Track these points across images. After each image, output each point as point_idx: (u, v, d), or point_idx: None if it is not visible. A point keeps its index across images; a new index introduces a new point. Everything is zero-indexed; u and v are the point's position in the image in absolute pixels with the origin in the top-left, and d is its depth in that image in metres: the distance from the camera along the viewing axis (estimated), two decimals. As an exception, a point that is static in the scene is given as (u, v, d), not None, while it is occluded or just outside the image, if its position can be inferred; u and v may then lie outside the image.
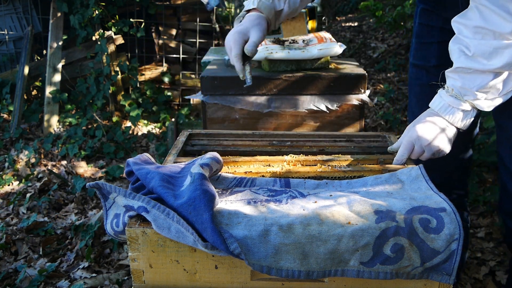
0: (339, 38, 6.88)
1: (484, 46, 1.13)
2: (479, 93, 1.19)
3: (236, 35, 1.39)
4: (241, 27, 1.41)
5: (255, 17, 1.42)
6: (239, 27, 1.42)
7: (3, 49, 4.67)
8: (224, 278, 1.04)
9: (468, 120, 1.25)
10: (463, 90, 1.21)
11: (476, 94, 1.19)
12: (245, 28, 1.40)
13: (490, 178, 2.94)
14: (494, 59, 1.13)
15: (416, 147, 1.26)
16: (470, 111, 1.23)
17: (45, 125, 4.15)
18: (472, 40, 1.15)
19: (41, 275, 2.29)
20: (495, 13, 1.09)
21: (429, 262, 0.98)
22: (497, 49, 1.11)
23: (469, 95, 1.21)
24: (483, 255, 2.34)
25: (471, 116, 1.24)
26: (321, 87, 2.13)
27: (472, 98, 1.20)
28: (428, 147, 1.25)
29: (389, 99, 4.55)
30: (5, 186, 3.31)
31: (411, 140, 1.26)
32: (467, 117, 1.24)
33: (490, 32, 1.12)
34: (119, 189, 1.06)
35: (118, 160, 3.70)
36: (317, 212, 1.01)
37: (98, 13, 4.15)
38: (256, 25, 1.40)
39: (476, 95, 1.20)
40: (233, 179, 1.21)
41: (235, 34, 1.39)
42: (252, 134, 1.58)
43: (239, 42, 1.38)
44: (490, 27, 1.11)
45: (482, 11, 1.12)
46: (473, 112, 1.24)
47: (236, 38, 1.39)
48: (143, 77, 4.79)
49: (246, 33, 1.39)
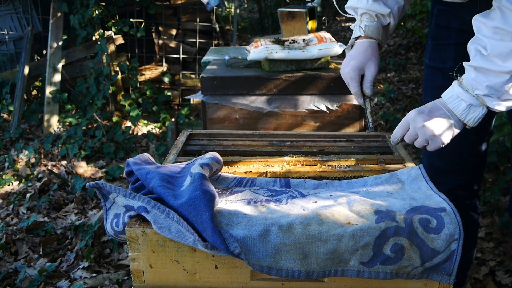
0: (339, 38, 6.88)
1: (501, 47, 1.12)
2: (491, 90, 1.17)
3: (352, 73, 1.44)
4: (356, 61, 1.45)
5: (367, 46, 1.45)
6: (354, 61, 1.45)
7: (3, 49, 4.67)
8: (224, 278, 1.04)
9: (474, 115, 1.21)
10: (474, 83, 1.19)
11: (487, 90, 1.17)
12: (360, 63, 1.44)
13: (490, 178, 2.94)
14: (509, 61, 1.12)
15: (410, 128, 1.27)
16: (479, 108, 1.20)
17: (45, 125, 4.15)
18: (490, 40, 1.14)
19: (41, 275, 2.29)
20: None
21: (429, 262, 0.98)
22: None
23: (479, 89, 1.18)
24: (483, 255, 2.34)
25: (479, 113, 1.21)
26: (321, 87, 2.13)
27: (482, 93, 1.18)
28: (421, 129, 1.24)
29: (389, 99, 4.55)
30: (5, 186, 3.31)
31: (407, 120, 1.27)
32: (474, 112, 1.21)
33: (509, 34, 1.11)
34: (119, 189, 1.06)
35: (118, 160, 3.70)
36: (317, 212, 1.01)
37: (98, 13, 4.15)
38: (370, 58, 1.45)
39: (486, 91, 1.17)
40: (233, 179, 1.21)
41: (350, 72, 1.44)
42: (252, 134, 1.58)
43: (356, 80, 1.45)
44: (509, 28, 1.10)
45: (504, 12, 1.11)
46: (482, 109, 1.20)
47: (352, 76, 1.45)
48: (143, 77, 4.79)
49: (362, 68, 1.45)
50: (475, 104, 1.20)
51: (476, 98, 1.19)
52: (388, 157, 1.35)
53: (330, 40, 2.25)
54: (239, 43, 6.52)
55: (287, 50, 2.14)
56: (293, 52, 2.15)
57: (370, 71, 1.45)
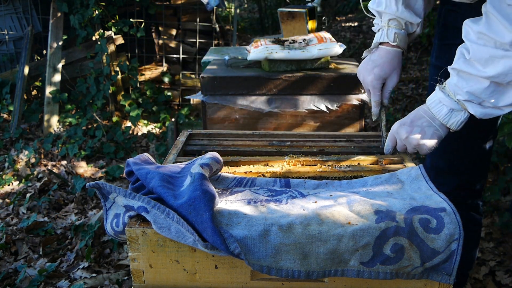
0: (339, 38, 6.88)
1: (482, 52, 1.14)
2: (471, 96, 1.19)
3: (375, 82, 1.44)
4: (380, 70, 1.44)
5: (394, 55, 1.45)
6: (378, 69, 1.44)
7: (3, 49, 4.67)
8: (224, 278, 1.04)
9: (456, 120, 1.24)
10: (456, 88, 1.21)
11: (467, 95, 1.19)
12: (384, 73, 1.44)
13: (490, 178, 2.94)
14: (489, 66, 1.13)
15: (397, 140, 1.33)
16: (461, 112, 1.23)
17: (45, 125, 4.15)
18: (473, 44, 1.16)
19: (41, 275, 2.29)
20: (499, 22, 1.10)
21: (429, 262, 0.97)
22: (493, 58, 1.12)
23: (460, 94, 1.20)
24: (483, 255, 2.34)
25: (461, 117, 1.23)
26: (321, 87, 2.13)
27: (463, 98, 1.20)
28: (406, 140, 1.30)
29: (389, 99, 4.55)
30: (5, 186, 3.31)
31: (393, 133, 1.33)
32: (456, 117, 1.23)
33: (492, 40, 1.12)
34: (119, 189, 1.06)
35: (118, 160, 3.70)
36: (317, 212, 1.01)
37: (98, 13, 4.15)
38: (395, 69, 1.46)
39: (466, 97, 1.19)
40: (233, 179, 1.21)
41: (374, 81, 1.44)
42: (252, 134, 1.58)
43: (379, 89, 1.45)
44: (491, 34, 1.12)
45: (489, 17, 1.13)
46: (464, 114, 1.23)
47: (375, 85, 1.44)
48: (143, 77, 4.79)
49: (386, 77, 1.45)
50: (457, 108, 1.23)
51: (458, 103, 1.22)
52: (388, 157, 1.36)
53: (330, 40, 2.25)
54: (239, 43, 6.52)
55: (287, 50, 2.14)
56: (293, 52, 2.15)
57: (392, 81, 1.46)
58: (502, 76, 1.12)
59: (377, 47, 1.47)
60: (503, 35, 1.10)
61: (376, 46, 1.47)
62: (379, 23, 1.48)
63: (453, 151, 1.56)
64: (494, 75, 1.12)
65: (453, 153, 1.59)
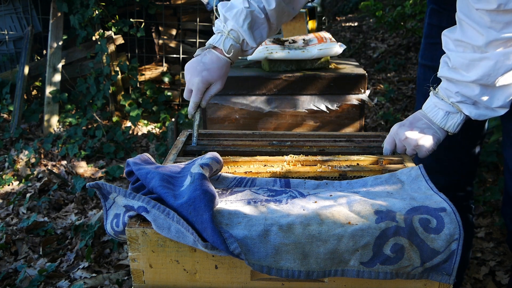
0: (339, 38, 6.88)
1: (461, 58, 1.18)
2: (463, 97, 1.22)
3: (201, 85, 1.43)
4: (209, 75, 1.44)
5: (224, 63, 1.46)
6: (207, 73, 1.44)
7: (3, 49, 4.67)
8: (224, 278, 1.04)
9: (453, 122, 1.26)
10: (447, 92, 1.25)
11: (459, 97, 1.22)
12: (212, 78, 1.44)
13: (490, 178, 2.94)
14: (471, 71, 1.17)
15: (396, 142, 1.35)
16: (457, 114, 1.25)
17: (45, 125, 4.15)
18: (453, 53, 1.21)
19: (41, 275, 2.29)
20: (471, 27, 1.14)
21: (429, 262, 0.98)
22: (473, 61, 1.16)
23: (452, 97, 1.24)
24: (483, 255, 2.34)
25: (457, 120, 1.26)
26: (321, 87, 2.13)
27: (456, 100, 1.23)
28: (405, 141, 1.31)
29: (389, 99, 4.55)
30: (5, 186, 3.31)
31: (392, 135, 1.36)
32: (453, 119, 1.26)
33: (469, 45, 1.16)
34: (119, 189, 1.06)
35: (118, 160, 3.70)
36: (317, 212, 1.01)
37: (98, 13, 4.15)
38: (222, 77, 1.47)
39: (459, 98, 1.22)
40: (233, 179, 1.21)
41: (200, 83, 1.43)
42: (252, 134, 1.58)
43: (202, 92, 1.45)
44: (467, 40, 1.16)
45: (462, 25, 1.17)
46: (460, 116, 1.25)
47: (200, 87, 1.43)
48: (143, 77, 4.79)
49: (212, 82, 1.45)
50: (452, 111, 1.25)
51: (452, 106, 1.25)
52: (388, 157, 1.36)
53: (330, 40, 2.25)
54: (239, 43, 6.50)
55: (287, 50, 2.14)
56: (293, 52, 2.15)
57: (216, 87, 1.47)
58: (486, 77, 1.15)
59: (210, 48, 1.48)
60: (477, 39, 1.14)
61: (210, 47, 1.48)
62: (221, 26, 1.49)
63: (443, 151, 1.59)
64: (478, 78, 1.16)
65: (443, 153, 1.62)
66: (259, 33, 1.49)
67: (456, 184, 1.71)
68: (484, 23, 1.11)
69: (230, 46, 1.45)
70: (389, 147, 1.38)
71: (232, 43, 1.45)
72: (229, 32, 1.45)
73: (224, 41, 1.45)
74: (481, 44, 1.13)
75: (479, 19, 1.12)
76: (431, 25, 1.61)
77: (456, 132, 1.28)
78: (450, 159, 1.66)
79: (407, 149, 1.33)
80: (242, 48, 1.49)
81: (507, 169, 1.44)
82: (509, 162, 1.43)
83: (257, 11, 1.45)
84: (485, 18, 1.10)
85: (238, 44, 1.46)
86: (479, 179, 2.88)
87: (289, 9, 1.51)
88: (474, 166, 1.73)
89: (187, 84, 1.47)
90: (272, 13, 1.47)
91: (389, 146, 1.38)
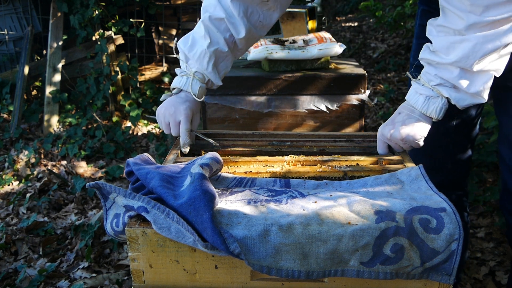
0: (339, 38, 6.88)
1: (442, 41, 1.20)
2: (441, 80, 1.23)
3: (189, 111, 1.44)
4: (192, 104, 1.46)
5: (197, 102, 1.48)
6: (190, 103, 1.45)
7: (3, 49, 4.67)
8: (224, 278, 1.04)
9: (434, 107, 1.26)
10: (427, 75, 1.26)
11: (438, 79, 1.23)
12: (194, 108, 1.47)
13: (490, 178, 2.94)
14: (451, 53, 1.19)
15: (387, 142, 1.36)
16: (437, 98, 1.25)
17: (45, 125, 4.15)
18: (435, 37, 1.23)
19: (41, 275, 2.29)
20: (452, 12, 1.16)
21: (429, 262, 0.98)
22: (453, 44, 1.18)
23: (432, 80, 1.25)
24: (483, 255, 2.34)
25: (439, 104, 1.25)
26: (321, 87, 2.13)
27: (435, 83, 1.24)
28: (391, 139, 1.32)
29: (389, 99, 4.55)
30: (5, 186, 3.31)
31: (380, 139, 1.38)
32: (434, 104, 1.26)
33: (450, 30, 1.19)
34: (119, 189, 1.06)
35: (118, 160, 3.70)
36: (317, 212, 1.01)
37: (98, 13, 4.15)
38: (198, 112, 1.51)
39: (438, 81, 1.23)
40: (233, 179, 1.21)
41: (187, 110, 1.44)
42: (252, 134, 1.58)
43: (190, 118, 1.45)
44: (448, 24, 1.18)
45: (444, 11, 1.20)
46: (441, 100, 1.25)
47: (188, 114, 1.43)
48: (143, 77, 4.79)
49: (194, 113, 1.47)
50: (433, 95, 1.26)
51: (433, 90, 1.25)
52: (388, 157, 1.36)
53: (330, 40, 2.25)
54: (239, 43, 6.50)
55: (287, 50, 2.14)
56: (293, 52, 2.15)
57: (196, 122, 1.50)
58: (465, 59, 1.16)
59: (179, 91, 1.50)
60: (457, 23, 1.16)
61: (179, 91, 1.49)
62: (184, 68, 1.50)
63: (434, 148, 1.60)
64: (456, 59, 1.17)
65: (436, 149, 1.63)
66: (224, 65, 1.51)
67: (450, 183, 1.72)
68: (464, 7, 1.13)
69: (200, 89, 1.47)
70: (382, 151, 1.39)
71: (200, 85, 1.48)
72: (194, 74, 1.47)
73: (192, 84, 1.47)
74: (462, 27, 1.15)
75: (459, 3, 1.13)
76: (423, 26, 1.62)
77: (440, 118, 1.28)
78: (445, 158, 1.67)
79: (399, 146, 1.34)
80: (207, 86, 1.52)
81: (504, 163, 1.46)
82: (505, 156, 1.45)
83: (221, 47, 1.46)
84: (465, 2, 1.12)
85: (204, 84, 1.49)
86: (479, 179, 2.88)
87: (259, 34, 1.52)
88: (468, 165, 1.74)
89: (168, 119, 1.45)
90: (242, 41, 1.48)
91: (382, 151, 1.39)
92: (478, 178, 2.87)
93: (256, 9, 1.46)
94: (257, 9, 1.46)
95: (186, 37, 1.52)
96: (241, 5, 1.43)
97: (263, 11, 1.47)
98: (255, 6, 1.45)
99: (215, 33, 1.45)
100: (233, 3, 1.42)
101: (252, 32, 1.49)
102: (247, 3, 1.44)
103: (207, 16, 1.45)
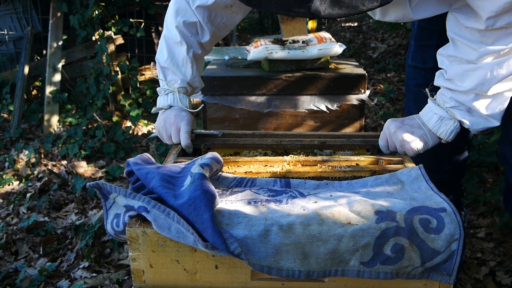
0: (339, 38, 6.88)
1: (456, 69, 1.22)
2: (457, 103, 1.25)
3: (189, 117, 1.48)
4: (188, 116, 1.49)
5: (190, 115, 1.52)
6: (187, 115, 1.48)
7: (3, 49, 4.67)
8: (224, 278, 1.04)
9: (446, 128, 1.28)
10: (443, 97, 1.28)
11: (453, 102, 1.25)
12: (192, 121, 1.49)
13: (490, 178, 2.94)
14: (465, 81, 1.21)
15: (387, 136, 1.37)
16: (450, 121, 1.27)
17: (45, 125, 4.15)
18: (448, 67, 1.25)
19: (41, 275, 2.29)
20: (463, 44, 1.19)
21: (430, 262, 0.98)
22: (467, 72, 1.20)
23: (447, 102, 1.27)
24: (483, 255, 2.34)
25: (451, 126, 1.27)
26: (321, 87, 2.13)
27: (450, 105, 1.26)
28: (394, 135, 1.33)
29: (389, 99, 4.55)
30: (5, 186, 3.31)
31: (384, 129, 1.39)
32: (446, 125, 1.28)
33: (463, 59, 1.22)
34: (119, 189, 1.06)
35: (118, 160, 3.70)
36: (317, 212, 1.01)
37: (98, 13, 4.15)
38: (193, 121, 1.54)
39: (453, 103, 1.25)
40: (233, 179, 1.21)
41: (187, 116, 1.48)
42: (252, 134, 1.58)
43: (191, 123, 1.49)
44: (460, 55, 1.21)
45: (455, 42, 1.23)
46: (453, 123, 1.27)
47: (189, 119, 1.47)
48: (143, 77, 4.78)
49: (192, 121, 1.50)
50: (446, 117, 1.28)
51: (447, 112, 1.27)
52: (388, 157, 1.36)
53: (330, 40, 2.25)
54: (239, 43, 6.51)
55: (287, 50, 2.14)
56: (293, 52, 2.15)
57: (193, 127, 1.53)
58: (480, 87, 1.18)
59: (169, 108, 1.53)
60: (470, 54, 1.19)
61: (169, 108, 1.52)
62: (165, 85, 1.54)
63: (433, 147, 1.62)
64: (472, 87, 1.19)
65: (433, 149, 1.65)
66: (201, 67, 1.57)
67: (447, 183, 1.72)
68: (475, 38, 1.16)
69: (189, 102, 1.52)
70: (382, 142, 1.39)
71: (188, 98, 1.53)
72: (178, 89, 1.51)
73: (180, 98, 1.51)
74: (474, 58, 1.17)
75: (470, 35, 1.16)
76: (421, 27, 1.63)
77: (449, 140, 1.30)
78: (442, 159, 1.69)
79: (396, 145, 1.35)
80: (189, 95, 1.57)
81: (506, 161, 1.47)
82: (506, 153, 1.45)
83: (196, 49, 1.50)
84: (475, 34, 1.15)
85: (187, 95, 1.54)
86: (479, 179, 2.88)
87: (222, 34, 1.56)
88: (464, 164, 1.75)
89: (169, 128, 1.47)
90: (207, 43, 1.53)
91: (382, 142, 1.39)
92: (478, 178, 2.87)
93: (220, 12, 1.49)
94: (220, 12, 1.49)
95: (160, 51, 1.54)
96: (205, 10, 1.46)
97: (226, 14, 1.50)
98: (219, 10, 1.48)
99: (189, 37, 1.49)
100: (197, 9, 1.45)
101: (216, 34, 1.53)
102: (210, 9, 1.46)
103: (181, 21, 1.47)
